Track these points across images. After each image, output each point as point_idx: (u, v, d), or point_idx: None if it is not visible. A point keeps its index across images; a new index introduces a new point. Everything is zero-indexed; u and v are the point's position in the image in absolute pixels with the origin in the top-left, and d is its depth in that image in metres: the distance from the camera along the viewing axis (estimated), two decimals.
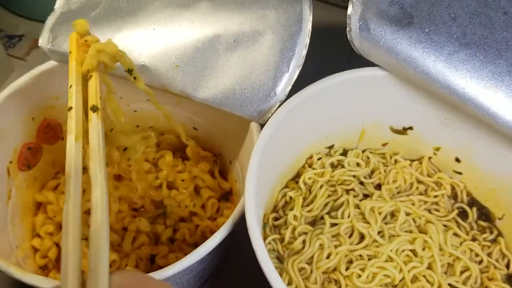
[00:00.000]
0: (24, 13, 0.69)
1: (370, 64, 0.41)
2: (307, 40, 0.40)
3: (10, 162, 0.42)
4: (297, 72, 0.40)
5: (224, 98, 0.40)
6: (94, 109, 0.32)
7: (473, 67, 0.37)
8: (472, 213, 0.44)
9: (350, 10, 0.39)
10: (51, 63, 0.43)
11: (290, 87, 0.40)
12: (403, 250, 0.39)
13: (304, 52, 0.40)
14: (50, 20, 0.43)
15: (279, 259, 0.40)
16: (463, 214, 0.44)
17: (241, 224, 0.35)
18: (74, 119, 0.31)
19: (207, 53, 0.41)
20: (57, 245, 0.44)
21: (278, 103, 0.40)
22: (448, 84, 0.37)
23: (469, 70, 0.37)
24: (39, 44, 0.42)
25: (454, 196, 0.45)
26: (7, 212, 0.42)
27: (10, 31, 0.67)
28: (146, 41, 0.41)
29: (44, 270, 0.43)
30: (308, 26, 0.40)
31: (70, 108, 0.32)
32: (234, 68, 0.40)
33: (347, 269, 0.38)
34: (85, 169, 0.29)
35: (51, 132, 0.46)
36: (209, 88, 0.40)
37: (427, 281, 0.38)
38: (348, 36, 0.40)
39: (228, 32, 0.41)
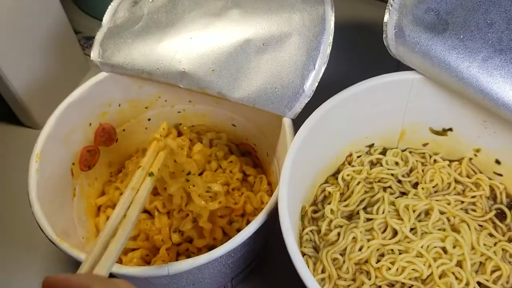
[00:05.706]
0: (101, 17, 0.76)
1: None
2: (331, 39, 0.43)
3: (73, 164, 0.47)
4: (323, 70, 0.43)
5: (257, 97, 0.44)
6: (151, 174, 0.40)
7: (507, 73, 0.37)
8: (511, 215, 0.44)
9: (386, 17, 0.41)
10: (103, 74, 0.47)
11: (317, 84, 0.43)
12: (434, 247, 0.40)
13: (328, 50, 0.43)
14: (99, 35, 0.48)
15: (315, 249, 0.43)
16: (501, 216, 0.45)
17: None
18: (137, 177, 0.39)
19: (239, 57, 0.44)
20: None
21: (307, 99, 0.43)
22: (482, 89, 0.38)
23: (503, 76, 0.37)
24: (91, 58, 0.47)
25: (493, 197, 0.46)
26: (73, 208, 0.46)
27: (87, 33, 0.74)
28: (185, 50, 0.45)
29: None
30: (331, 25, 0.43)
31: (139, 166, 0.40)
32: (265, 69, 0.44)
33: (378, 261, 0.40)
34: None
35: (106, 136, 0.50)
36: (243, 88, 0.44)
37: (456, 278, 0.39)
38: (384, 42, 0.42)
39: (257, 36, 0.44)
